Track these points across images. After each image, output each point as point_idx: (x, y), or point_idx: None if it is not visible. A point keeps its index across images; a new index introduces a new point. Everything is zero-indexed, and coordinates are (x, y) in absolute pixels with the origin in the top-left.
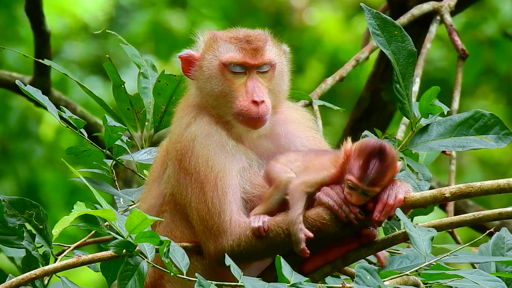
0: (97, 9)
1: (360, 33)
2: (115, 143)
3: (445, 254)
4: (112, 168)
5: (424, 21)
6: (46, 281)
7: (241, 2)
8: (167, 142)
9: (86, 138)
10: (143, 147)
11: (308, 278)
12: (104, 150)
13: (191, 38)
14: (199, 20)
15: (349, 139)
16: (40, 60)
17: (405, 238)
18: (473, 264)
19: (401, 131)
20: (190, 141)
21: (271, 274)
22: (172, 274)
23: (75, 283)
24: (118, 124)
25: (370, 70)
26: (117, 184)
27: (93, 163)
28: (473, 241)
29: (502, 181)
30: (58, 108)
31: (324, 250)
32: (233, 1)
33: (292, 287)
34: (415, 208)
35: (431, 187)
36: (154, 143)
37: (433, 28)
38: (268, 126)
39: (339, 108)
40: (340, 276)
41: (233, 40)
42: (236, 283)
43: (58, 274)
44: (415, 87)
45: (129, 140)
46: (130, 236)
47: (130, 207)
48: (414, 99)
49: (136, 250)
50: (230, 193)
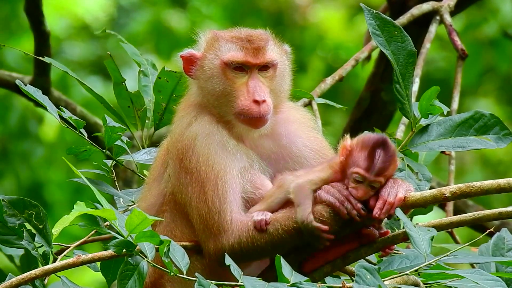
0: (98, 9)
1: (362, 32)
2: (115, 143)
3: (445, 254)
4: (112, 168)
5: (424, 21)
6: (46, 281)
7: (242, 1)
8: (168, 141)
9: (86, 138)
10: (144, 145)
11: (308, 278)
12: (104, 150)
13: (192, 38)
14: (200, 20)
15: (347, 136)
16: (41, 58)
17: (405, 238)
18: (473, 264)
19: (401, 131)
20: (191, 140)
21: (271, 274)
22: (172, 274)
23: (75, 283)
24: (118, 125)
25: (370, 70)
26: (117, 185)
27: (93, 163)
28: (473, 241)
29: (502, 181)
30: (58, 108)
31: (324, 250)
32: (234, 0)
33: (292, 287)
34: (415, 208)
35: (431, 187)
36: (155, 143)
37: (433, 28)
38: (269, 126)
39: (342, 106)
40: (340, 276)
41: (235, 40)
42: (236, 283)
43: (58, 274)
44: (415, 87)
45: (129, 141)
46: (130, 236)
47: (130, 207)
48: (414, 99)
49: (136, 250)
50: (231, 193)
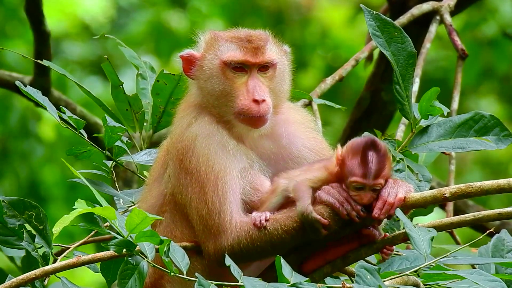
0: (98, 10)
1: (365, 31)
2: (115, 144)
3: (445, 255)
4: (112, 169)
5: (424, 21)
6: (46, 282)
7: (242, 1)
8: (168, 142)
9: (86, 139)
10: (142, 148)
11: (308, 278)
12: (104, 151)
13: (192, 38)
14: (200, 20)
15: (339, 146)
16: (39, 61)
17: (405, 239)
18: (473, 265)
19: (401, 131)
20: (191, 141)
21: (271, 274)
22: (172, 274)
23: (75, 284)
24: (118, 125)
25: (370, 70)
26: (117, 185)
27: (93, 164)
28: (473, 242)
29: (502, 181)
30: (58, 108)
31: (324, 250)
32: (234, 0)
33: (292, 287)
34: (415, 208)
35: (431, 187)
36: (154, 144)
37: (433, 28)
38: (269, 126)
39: (341, 107)
40: (340, 277)
41: (234, 40)
42: (236, 283)
43: (58, 275)
44: (415, 87)
45: (129, 141)
46: (130, 236)
47: (130, 208)
48: (414, 99)
49: (136, 250)
50: (231, 193)
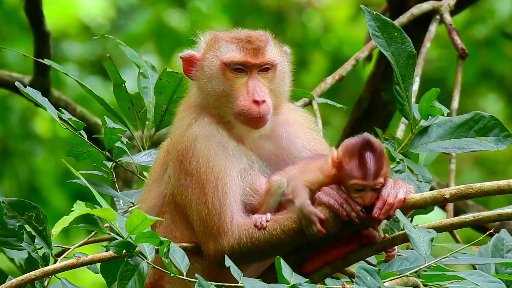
0: (98, 10)
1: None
2: (115, 145)
3: (445, 256)
4: (112, 170)
5: (424, 21)
6: (46, 282)
7: (243, 0)
8: (168, 143)
9: (86, 140)
10: (144, 147)
11: (308, 279)
12: (104, 152)
13: (192, 38)
14: (201, 19)
15: (333, 148)
16: (40, 60)
17: (405, 239)
18: (473, 265)
19: (401, 130)
20: (191, 142)
21: (271, 275)
22: (172, 275)
23: (75, 284)
24: (118, 126)
25: (370, 70)
26: (117, 186)
27: (93, 165)
28: (473, 242)
29: (502, 182)
30: (58, 109)
31: (324, 251)
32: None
33: None
34: (415, 209)
35: (431, 187)
36: (155, 144)
37: (433, 28)
38: (269, 127)
39: (342, 106)
40: (340, 278)
41: (234, 40)
42: (236, 284)
43: (58, 275)
44: (415, 86)
45: (129, 142)
46: (130, 237)
47: (130, 209)
48: (414, 99)
49: (136, 251)
50: (231, 194)
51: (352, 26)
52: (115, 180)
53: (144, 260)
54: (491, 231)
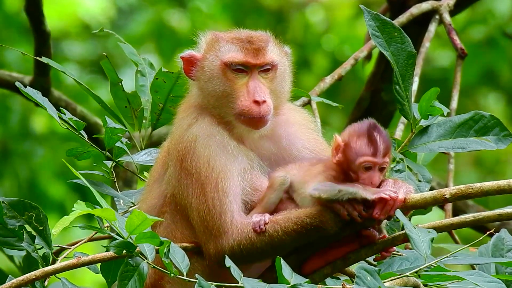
0: (98, 10)
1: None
2: (115, 145)
3: (445, 256)
4: (112, 170)
5: (423, 21)
6: (46, 282)
7: (244, 0)
8: (169, 143)
9: (86, 140)
10: (141, 145)
11: (308, 279)
12: (104, 152)
13: (193, 38)
14: (201, 19)
15: (336, 135)
16: (38, 58)
17: (405, 240)
18: (473, 265)
19: (400, 130)
20: (192, 142)
21: (271, 275)
22: (172, 275)
23: (75, 284)
24: (118, 126)
25: (370, 70)
26: (117, 185)
27: (94, 165)
28: (473, 242)
29: (502, 182)
30: (58, 109)
31: (324, 251)
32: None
33: None
34: (415, 209)
35: (431, 187)
36: (155, 143)
37: (432, 27)
38: (270, 127)
39: (338, 105)
40: (340, 278)
41: (235, 41)
42: (236, 284)
43: (58, 275)
44: (414, 86)
45: (129, 142)
46: (131, 237)
47: (130, 209)
48: (413, 98)
49: (136, 251)
50: (231, 194)
51: (353, 26)
52: (115, 180)
53: (145, 260)
54: (491, 231)
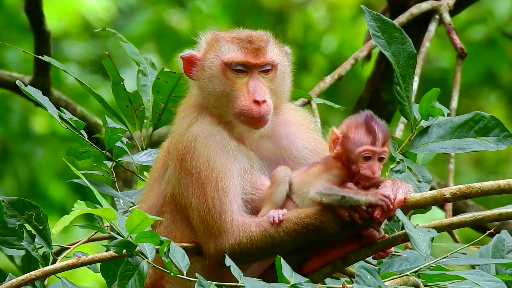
0: (99, 9)
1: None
2: (115, 145)
3: (445, 256)
4: (112, 170)
5: (423, 20)
6: (46, 282)
7: (244, 0)
8: (169, 143)
9: (86, 140)
10: (142, 145)
11: (308, 279)
12: (104, 152)
13: (193, 38)
14: (202, 19)
15: (333, 128)
16: (39, 57)
17: (405, 239)
18: (473, 265)
19: (400, 130)
20: (192, 141)
21: (271, 275)
22: (172, 275)
23: (75, 284)
24: (118, 126)
25: (370, 70)
26: (117, 185)
27: (94, 165)
28: (473, 242)
29: (502, 182)
30: (58, 109)
31: (324, 251)
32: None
33: None
34: (416, 209)
35: (431, 188)
36: (155, 143)
37: (432, 27)
38: (270, 127)
39: (339, 106)
40: (340, 277)
41: (235, 40)
42: (236, 284)
43: (58, 275)
44: (414, 86)
45: (129, 142)
46: (131, 236)
47: (130, 208)
48: (413, 99)
49: (136, 250)
50: (231, 194)
51: (354, 26)
52: (115, 180)
53: (144, 260)
54: (491, 231)
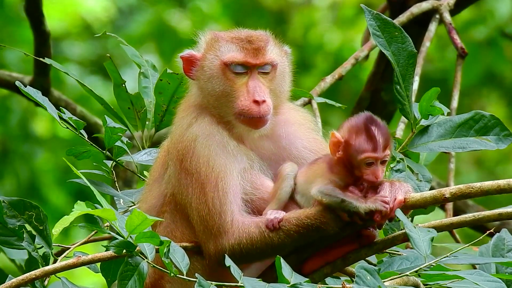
0: (99, 9)
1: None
2: (115, 144)
3: (445, 255)
4: (112, 169)
5: (424, 20)
6: (46, 282)
7: (244, 0)
8: (168, 143)
9: (86, 139)
10: (144, 147)
11: (308, 279)
12: (104, 151)
13: (193, 38)
14: (202, 19)
15: (333, 132)
16: (40, 58)
17: (405, 239)
18: (474, 265)
19: (400, 130)
20: (191, 141)
21: (271, 275)
22: (172, 275)
23: (75, 284)
24: (118, 125)
25: (370, 70)
26: (117, 185)
27: (94, 164)
28: (473, 242)
29: (502, 182)
30: (58, 109)
31: (324, 251)
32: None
33: None
34: (415, 209)
35: (431, 187)
36: (155, 143)
37: (432, 27)
38: (269, 127)
39: (341, 105)
40: (340, 277)
41: (235, 40)
42: (236, 284)
43: (58, 275)
44: (414, 86)
45: (129, 141)
46: (130, 236)
47: (130, 208)
48: (413, 98)
49: (136, 250)
50: (231, 194)
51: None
52: (115, 180)
53: (144, 260)
54: (491, 231)
